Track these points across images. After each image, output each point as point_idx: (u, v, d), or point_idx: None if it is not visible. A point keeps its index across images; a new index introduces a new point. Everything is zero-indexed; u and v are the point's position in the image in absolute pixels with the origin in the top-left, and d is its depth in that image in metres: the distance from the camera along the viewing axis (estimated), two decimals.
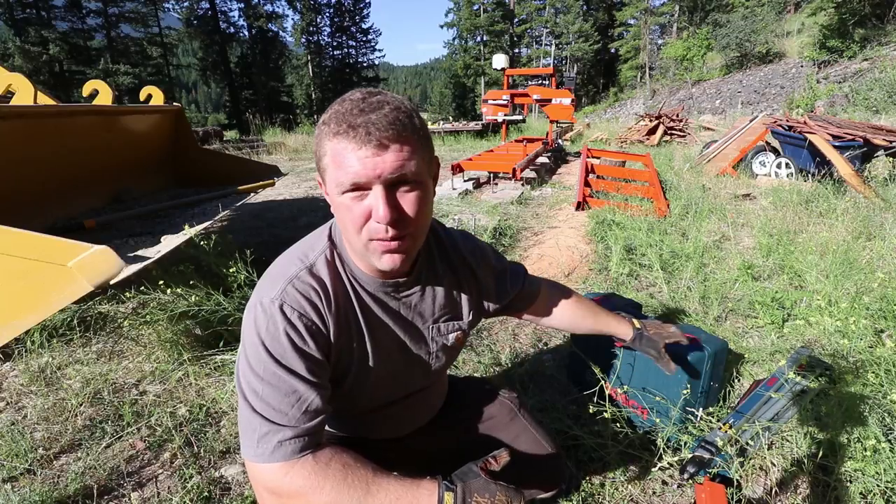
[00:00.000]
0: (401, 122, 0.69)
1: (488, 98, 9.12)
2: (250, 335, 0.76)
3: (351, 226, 0.73)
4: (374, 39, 39.59)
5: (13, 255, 1.49)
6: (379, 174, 0.68)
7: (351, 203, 0.71)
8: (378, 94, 0.72)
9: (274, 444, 0.71)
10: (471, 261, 0.99)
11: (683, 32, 30.66)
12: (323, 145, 0.71)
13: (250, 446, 0.72)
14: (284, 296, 0.76)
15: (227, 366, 2.09)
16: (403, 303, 0.89)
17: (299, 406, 0.73)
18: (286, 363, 0.74)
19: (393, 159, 0.68)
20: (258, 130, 15.23)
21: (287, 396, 0.73)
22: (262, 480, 0.72)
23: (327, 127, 0.70)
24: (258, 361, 0.74)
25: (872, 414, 1.51)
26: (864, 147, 5.03)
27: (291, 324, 0.75)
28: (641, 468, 1.52)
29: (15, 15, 24.97)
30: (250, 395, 0.74)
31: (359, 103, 0.69)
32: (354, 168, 0.68)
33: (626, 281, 3.06)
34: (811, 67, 17.87)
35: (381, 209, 0.69)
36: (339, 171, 0.69)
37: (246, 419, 0.73)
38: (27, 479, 1.54)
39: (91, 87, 3.47)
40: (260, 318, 0.75)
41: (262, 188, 3.62)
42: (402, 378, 0.95)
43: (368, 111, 0.68)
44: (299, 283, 0.78)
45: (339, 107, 0.71)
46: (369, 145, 0.67)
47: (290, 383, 0.73)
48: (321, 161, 0.73)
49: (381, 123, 0.67)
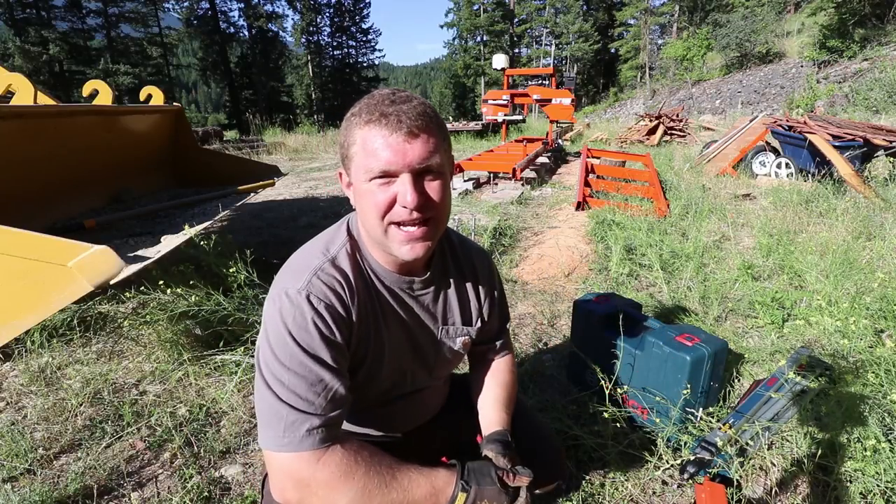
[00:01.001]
0: (428, 115, 0.74)
1: (488, 98, 9.12)
2: (275, 325, 0.76)
3: (374, 211, 0.75)
4: (374, 39, 39.61)
5: (13, 255, 1.49)
6: (409, 162, 0.72)
7: (377, 189, 0.74)
8: (405, 91, 0.77)
9: (302, 433, 0.71)
10: (479, 274, 1.02)
11: (683, 32, 30.66)
12: (352, 134, 0.75)
13: (275, 436, 0.71)
14: (311, 287, 0.78)
15: (227, 366, 2.08)
16: (418, 301, 0.93)
17: (325, 395, 0.74)
18: (313, 352, 0.75)
19: (421, 149, 0.73)
20: (258, 130, 15.25)
21: (314, 385, 0.74)
22: (289, 470, 0.72)
23: (358, 118, 0.74)
24: (284, 351, 0.74)
25: (872, 414, 1.51)
26: (864, 147, 5.03)
27: (319, 313, 0.76)
28: (641, 468, 1.52)
29: (15, 15, 24.94)
30: (275, 384, 0.74)
31: (389, 96, 0.74)
32: (385, 155, 0.72)
33: (626, 281, 3.06)
34: (811, 67, 17.87)
35: (408, 194, 0.73)
36: (370, 157, 0.73)
37: (270, 408, 0.73)
38: (27, 479, 1.54)
39: (91, 87, 3.47)
40: (286, 308, 0.76)
41: (262, 188, 3.61)
42: (409, 374, 0.97)
43: (399, 102, 0.73)
44: (324, 274, 0.80)
45: (368, 100, 0.75)
46: (400, 132, 0.71)
47: (316, 372, 0.74)
48: (349, 149, 0.76)
49: (411, 113, 0.72)
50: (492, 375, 1.08)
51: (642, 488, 1.48)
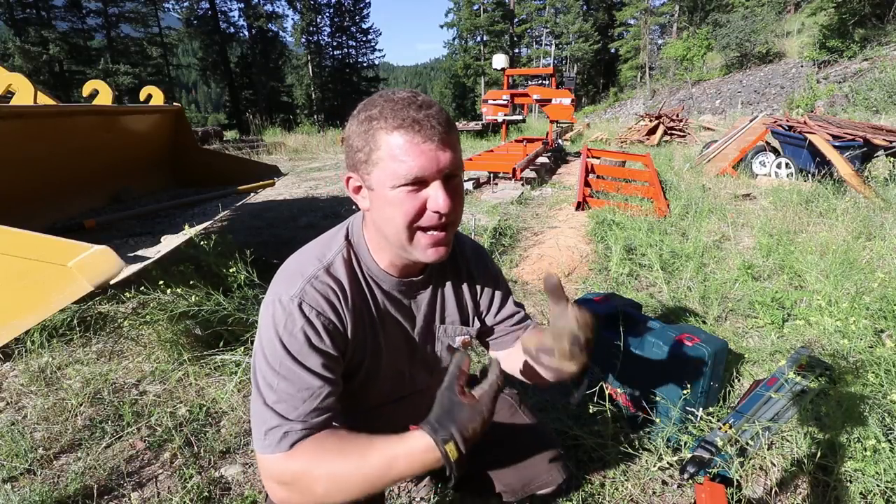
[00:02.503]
0: (451, 121, 0.74)
1: (488, 98, 9.12)
2: (268, 331, 0.77)
3: (402, 219, 0.74)
4: (374, 39, 39.57)
5: (13, 255, 1.49)
6: (441, 168, 0.73)
7: (405, 197, 0.73)
8: (420, 93, 0.76)
9: (280, 436, 0.72)
10: (475, 271, 1.02)
11: (683, 32, 30.64)
12: (377, 139, 0.73)
13: (259, 438, 0.73)
14: (303, 294, 0.78)
15: (227, 366, 2.08)
16: (415, 302, 0.93)
17: (311, 401, 0.74)
18: (301, 359, 0.75)
19: (451, 156, 0.73)
20: (258, 130, 15.26)
21: (300, 392, 0.74)
22: (270, 472, 0.73)
23: (382, 122, 0.72)
24: (274, 356, 0.75)
25: (872, 414, 1.51)
26: (864, 147, 5.02)
27: (310, 322, 0.77)
28: (641, 468, 1.52)
29: (15, 15, 24.92)
30: (264, 388, 0.75)
31: (412, 100, 0.72)
32: (418, 162, 0.71)
33: (626, 281, 3.06)
34: (811, 67, 17.87)
35: (441, 199, 0.73)
36: (400, 164, 0.71)
37: (258, 412, 0.74)
38: (27, 479, 1.54)
39: (91, 87, 3.47)
40: (279, 315, 0.77)
41: (262, 188, 3.61)
42: (407, 375, 0.98)
43: (425, 108, 0.72)
44: (318, 282, 0.80)
45: (388, 103, 0.73)
46: (434, 139, 0.71)
47: (304, 379, 0.75)
48: (371, 154, 0.74)
49: (441, 118, 0.72)
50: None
51: (642, 488, 1.48)
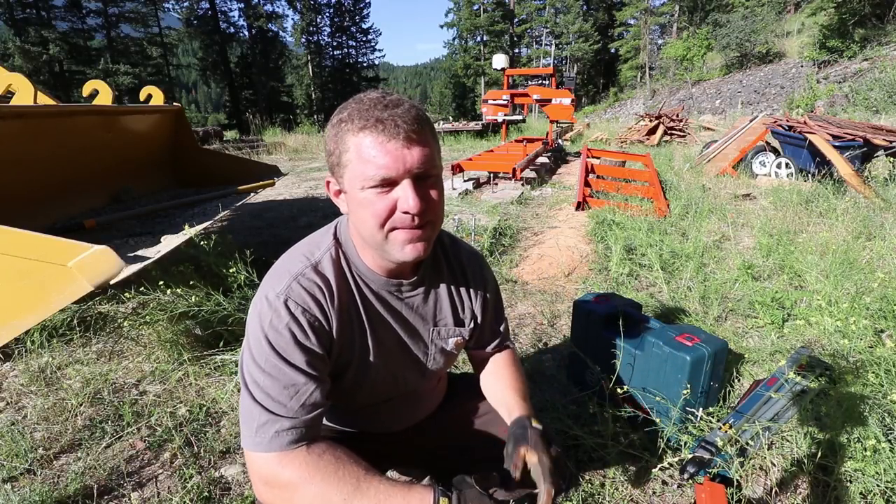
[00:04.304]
0: (421, 118, 0.73)
1: (488, 98, 9.12)
2: (254, 328, 0.78)
3: (373, 220, 0.74)
4: (374, 39, 39.59)
5: (13, 255, 1.49)
6: (408, 168, 0.71)
7: (375, 198, 0.73)
8: (392, 93, 0.75)
9: (271, 434, 0.72)
10: (470, 276, 1.01)
11: (683, 32, 30.65)
12: (345, 141, 0.73)
13: (249, 435, 0.73)
14: (289, 291, 0.78)
15: (227, 366, 2.08)
16: (406, 303, 0.92)
17: (298, 398, 0.75)
18: (287, 356, 0.76)
19: (419, 154, 0.72)
20: (258, 130, 15.26)
21: (286, 388, 0.74)
22: (258, 470, 0.73)
23: (349, 124, 0.72)
24: (260, 353, 0.76)
25: (872, 414, 1.51)
26: (864, 147, 5.03)
27: (295, 318, 0.77)
28: (641, 468, 1.52)
29: (15, 15, 24.92)
30: (252, 385, 0.75)
31: (380, 100, 0.72)
32: (383, 161, 0.70)
33: (626, 281, 3.06)
34: (811, 67, 17.87)
35: (410, 200, 0.72)
36: (367, 165, 0.71)
37: (246, 409, 0.75)
38: (27, 479, 1.54)
39: (91, 87, 3.47)
40: (265, 312, 0.77)
41: (262, 188, 3.62)
42: (399, 376, 0.97)
43: (391, 107, 0.71)
44: (304, 279, 0.80)
45: (357, 105, 0.73)
46: (398, 138, 0.70)
47: (290, 375, 0.75)
48: (342, 157, 0.74)
49: (406, 117, 0.71)
50: (495, 368, 1.06)
51: (642, 488, 1.48)
